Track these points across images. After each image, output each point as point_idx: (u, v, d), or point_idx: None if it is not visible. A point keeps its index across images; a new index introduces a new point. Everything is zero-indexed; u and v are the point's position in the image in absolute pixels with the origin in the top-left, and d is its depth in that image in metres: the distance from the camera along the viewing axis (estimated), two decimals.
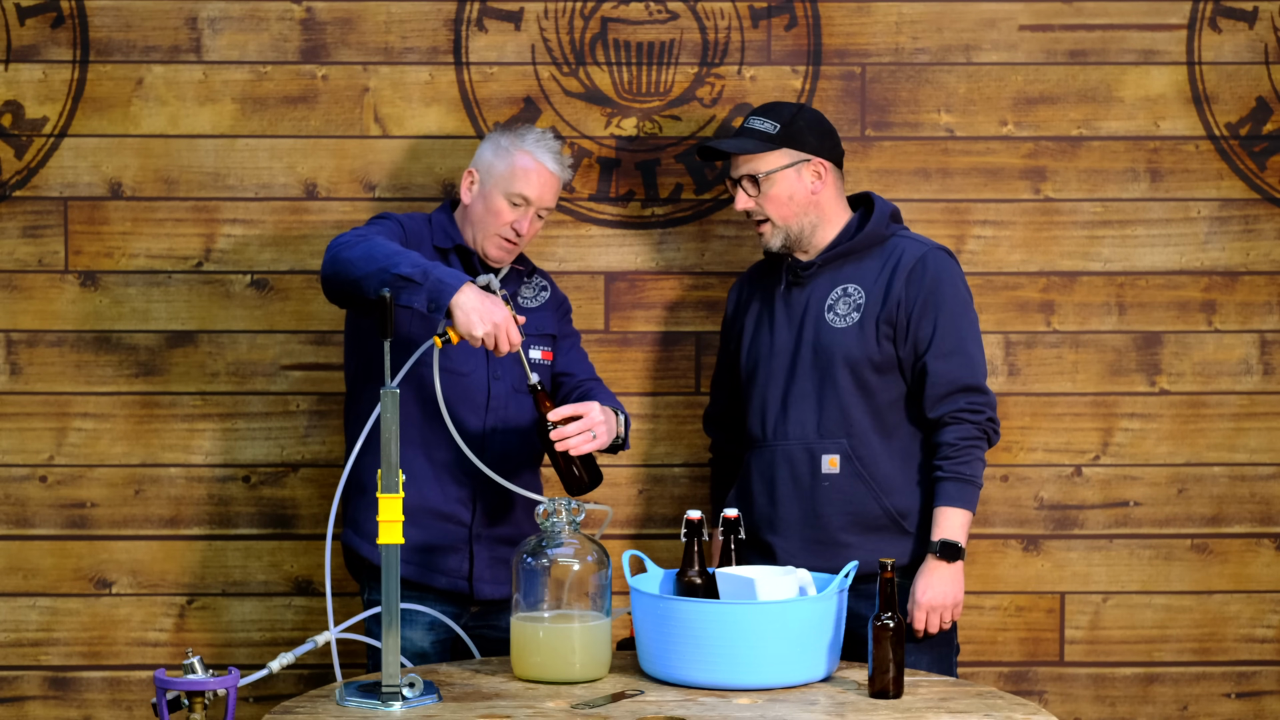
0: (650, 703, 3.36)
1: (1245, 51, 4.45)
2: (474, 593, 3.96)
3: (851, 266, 3.96)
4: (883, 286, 3.92)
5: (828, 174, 3.97)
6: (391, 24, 4.41)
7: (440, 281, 3.60)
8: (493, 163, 3.98)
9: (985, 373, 3.93)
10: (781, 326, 3.98)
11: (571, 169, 4.06)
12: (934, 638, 3.91)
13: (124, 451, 4.43)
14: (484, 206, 3.97)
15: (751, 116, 4.00)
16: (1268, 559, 4.51)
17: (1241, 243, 4.47)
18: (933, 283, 3.91)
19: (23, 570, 4.44)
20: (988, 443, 3.91)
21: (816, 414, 3.92)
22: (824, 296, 3.95)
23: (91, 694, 4.45)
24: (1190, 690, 4.51)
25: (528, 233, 3.97)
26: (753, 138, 3.95)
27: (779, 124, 3.95)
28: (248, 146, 4.41)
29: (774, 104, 4.03)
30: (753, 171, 3.95)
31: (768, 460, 3.95)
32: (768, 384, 3.98)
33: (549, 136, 4.01)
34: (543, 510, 3.52)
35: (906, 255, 3.94)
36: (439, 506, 3.94)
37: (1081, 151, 4.46)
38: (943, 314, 3.90)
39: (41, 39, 4.38)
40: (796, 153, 3.94)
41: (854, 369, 3.89)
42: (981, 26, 4.44)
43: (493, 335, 3.61)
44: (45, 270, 4.41)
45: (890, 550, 3.86)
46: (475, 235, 3.99)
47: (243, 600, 4.45)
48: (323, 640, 3.49)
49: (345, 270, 3.69)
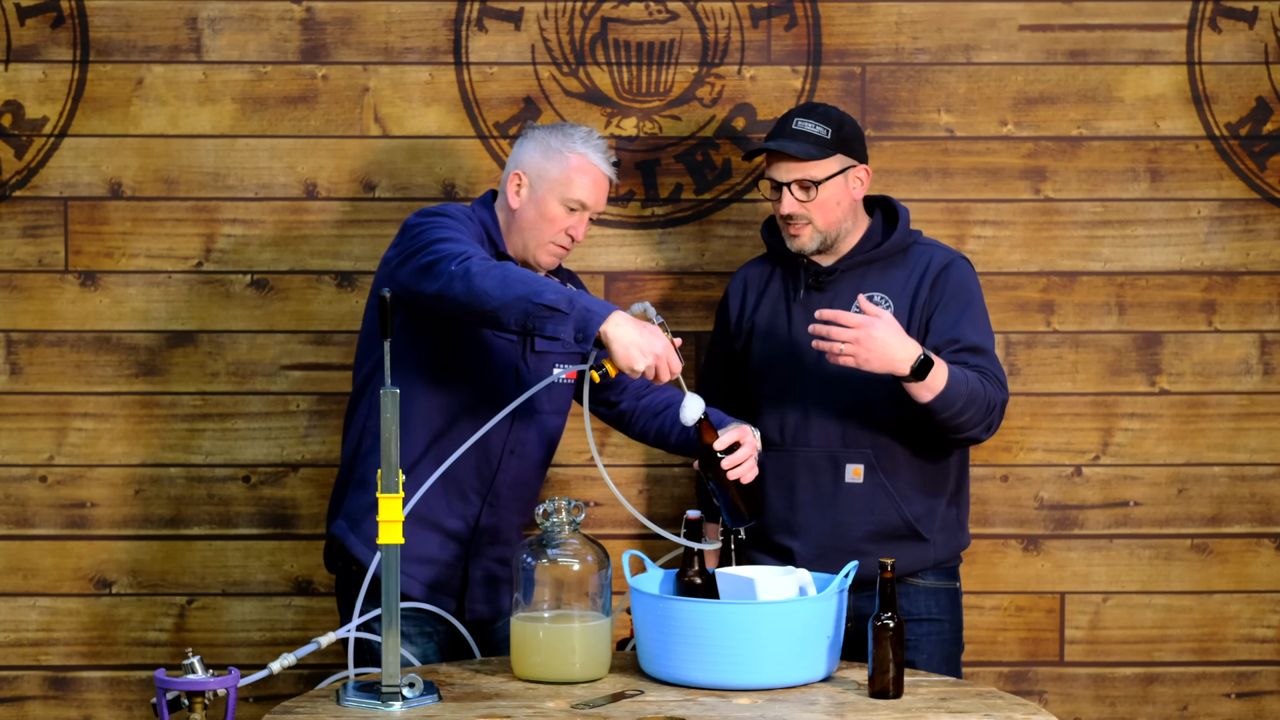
0: (650, 703, 3.36)
1: (1245, 51, 4.45)
2: (464, 612, 3.86)
3: (876, 274, 3.93)
4: (911, 294, 3.90)
5: (867, 179, 3.93)
6: (391, 24, 4.41)
7: (588, 310, 3.45)
8: (544, 166, 3.82)
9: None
10: (801, 332, 3.90)
11: (616, 165, 3.92)
12: (946, 636, 3.90)
13: (124, 451, 4.43)
14: (537, 212, 3.82)
15: (798, 118, 3.90)
16: (1268, 559, 4.51)
17: (1241, 243, 4.47)
18: (956, 287, 3.90)
19: (23, 570, 4.44)
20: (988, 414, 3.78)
21: (841, 422, 3.89)
22: (848, 303, 3.89)
23: (91, 694, 4.45)
24: (1190, 690, 4.51)
25: (580, 237, 3.85)
26: (810, 142, 3.88)
27: (830, 128, 3.89)
28: (248, 146, 4.41)
29: (815, 106, 3.94)
30: (808, 177, 3.87)
31: (786, 465, 3.92)
32: (787, 388, 3.94)
33: (595, 135, 3.86)
34: (543, 510, 3.52)
35: (933, 263, 3.92)
36: (441, 521, 3.84)
37: (1081, 151, 4.46)
38: (968, 314, 3.88)
39: (41, 39, 4.38)
40: (847, 158, 3.90)
41: (882, 378, 3.81)
42: (981, 26, 4.44)
43: (654, 368, 3.48)
44: (45, 270, 4.41)
45: (908, 556, 3.86)
46: (526, 242, 3.83)
47: (243, 600, 4.45)
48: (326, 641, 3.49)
49: (481, 300, 3.50)
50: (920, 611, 3.91)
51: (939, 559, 3.92)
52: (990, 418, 3.81)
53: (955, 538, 3.96)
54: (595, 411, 3.97)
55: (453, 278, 3.53)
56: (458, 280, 3.53)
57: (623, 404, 3.99)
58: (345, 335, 4.41)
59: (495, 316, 3.51)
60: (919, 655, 3.89)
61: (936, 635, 3.93)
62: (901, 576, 3.89)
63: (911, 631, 3.89)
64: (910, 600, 3.90)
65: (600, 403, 3.99)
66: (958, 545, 3.96)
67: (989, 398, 3.78)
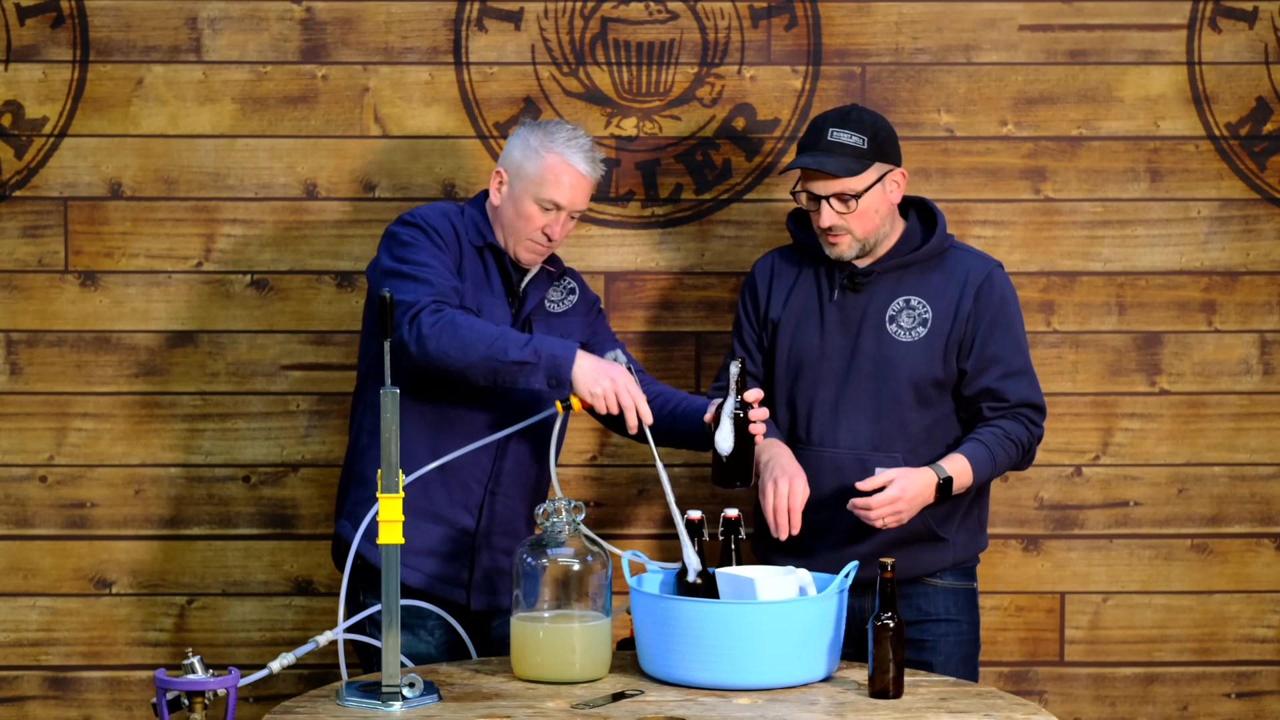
0: (650, 703, 3.36)
1: (1245, 51, 4.45)
2: (470, 603, 3.89)
3: (913, 277, 3.89)
4: (952, 304, 3.86)
5: (903, 182, 3.89)
6: (391, 24, 4.41)
7: (555, 356, 3.62)
8: (522, 164, 3.86)
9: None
10: (834, 331, 3.89)
11: (604, 164, 3.93)
12: (964, 636, 3.91)
13: (124, 451, 4.43)
14: (514, 210, 3.86)
15: (833, 128, 3.82)
16: (1268, 559, 4.51)
17: (1241, 243, 4.47)
18: (999, 301, 3.88)
19: (23, 570, 4.44)
20: (1024, 457, 3.88)
21: (872, 425, 3.86)
22: (884, 306, 3.87)
23: (91, 694, 4.45)
24: (1190, 690, 4.51)
25: (559, 236, 3.87)
26: (848, 155, 3.80)
27: (866, 137, 3.81)
28: (248, 146, 4.41)
29: (848, 113, 3.85)
30: (847, 191, 3.80)
31: (813, 465, 3.86)
32: (816, 388, 3.90)
33: (580, 135, 3.88)
34: (543, 510, 3.52)
35: (973, 272, 3.89)
36: (444, 512, 3.87)
37: (1081, 151, 4.46)
38: (1010, 333, 3.87)
39: (41, 39, 4.38)
40: (884, 165, 3.84)
41: (917, 385, 3.82)
42: (981, 26, 4.44)
43: (610, 392, 3.62)
44: (45, 270, 4.41)
45: (929, 557, 3.86)
46: (506, 238, 3.88)
47: (243, 600, 4.45)
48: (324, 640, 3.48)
49: (446, 361, 3.64)
50: (939, 612, 3.91)
51: (958, 559, 3.92)
52: (1025, 460, 3.90)
53: (975, 539, 3.95)
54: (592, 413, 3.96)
55: (425, 342, 3.65)
56: (412, 343, 3.66)
57: None
58: (345, 335, 4.41)
59: (465, 375, 3.67)
60: (936, 656, 3.88)
61: (954, 636, 3.92)
62: (920, 577, 3.88)
63: (930, 632, 3.89)
64: (929, 601, 3.90)
65: None
66: (976, 546, 3.96)
67: (1017, 451, 3.85)
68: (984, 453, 3.81)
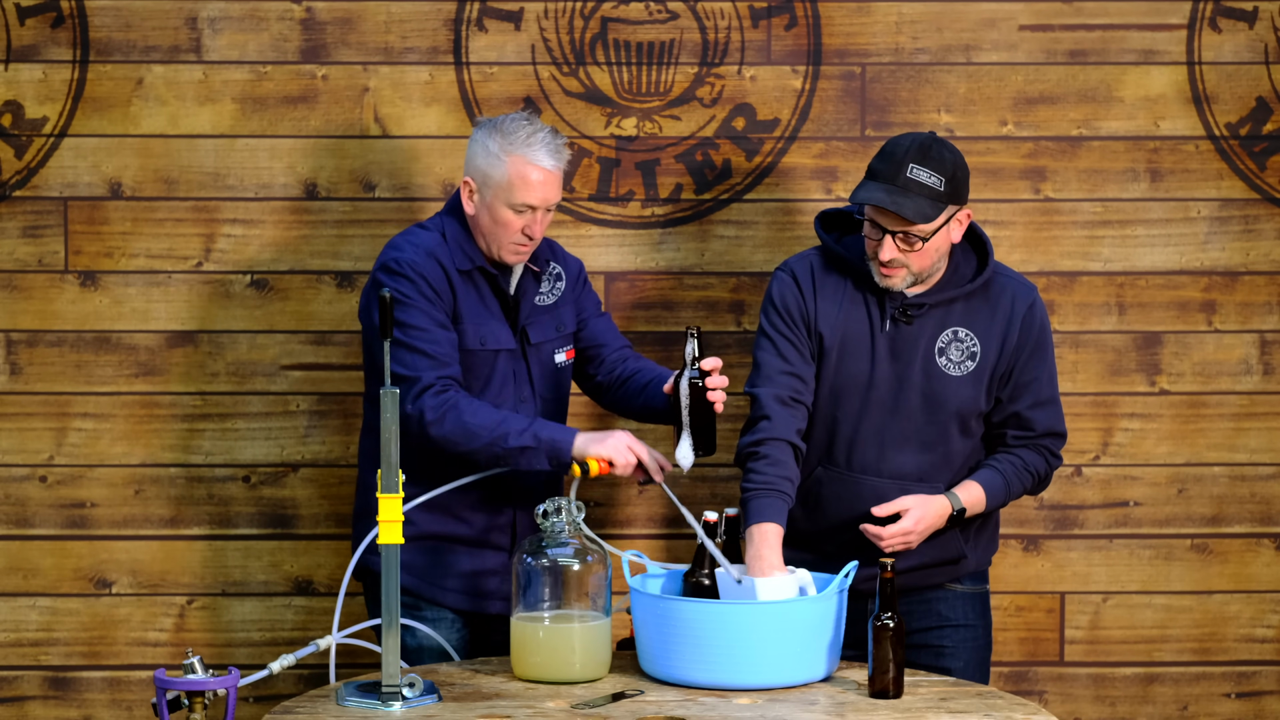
0: (650, 703, 3.36)
1: (1245, 51, 4.45)
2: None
3: (961, 308, 3.81)
4: (999, 339, 3.80)
5: (966, 221, 3.78)
6: (391, 24, 4.41)
7: (554, 441, 3.73)
8: (488, 172, 3.81)
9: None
10: (884, 361, 3.79)
11: (569, 149, 3.87)
12: (980, 640, 3.91)
13: (124, 451, 4.43)
14: (490, 218, 3.82)
15: (913, 165, 3.66)
16: (1268, 559, 4.51)
17: (1241, 243, 4.47)
18: (1040, 332, 3.84)
19: (23, 570, 4.44)
20: (1038, 486, 3.89)
21: (918, 456, 3.80)
22: (933, 337, 3.79)
23: (91, 694, 4.45)
24: (1190, 690, 4.51)
25: (539, 233, 3.84)
26: (924, 196, 3.65)
27: (944, 178, 3.67)
28: (248, 146, 4.41)
29: (929, 148, 3.69)
30: (916, 234, 3.67)
31: (852, 490, 3.80)
32: (861, 415, 3.81)
33: (538, 128, 3.82)
34: (543, 510, 3.52)
35: (1018, 302, 3.81)
36: (483, 535, 3.90)
37: (1081, 151, 4.46)
38: (1044, 363, 3.84)
39: (41, 39, 4.38)
40: (954, 206, 3.72)
41: (963, 418, 3.80)
42: (981, 26, 4.44)
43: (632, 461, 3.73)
44: (45, 270, 4.41)
45: (953, 567, 3.86)
46: (489, 245, 3.85)
47: (243, 600, 4.45)
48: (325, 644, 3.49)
49: (450, 446, 3.75)
50: (958, 618, 3.89)
51: (979, 564, 3.93)
52: (1039, 488, 3.91)
53: (991, 544, 3.95)
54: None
55: (409, 419, 3.73)
56: (415, 425, 3.74)
57: (598, 377, 4.04)
58: (345, 335, 4.41)
59: (466, 458, 3.77)
60: (955, 661, 3.86)
61: (972, 640, 3.91)
62: (942, 583, 3.87)
63: (949, 638, 3.87)
64: (949, 606, 3.88)
65: (579, 377, 4.09)
66: (991, 551, 3.96)
67: (1032, 481, 3.86)
68: (1000, 483, 3.81)
